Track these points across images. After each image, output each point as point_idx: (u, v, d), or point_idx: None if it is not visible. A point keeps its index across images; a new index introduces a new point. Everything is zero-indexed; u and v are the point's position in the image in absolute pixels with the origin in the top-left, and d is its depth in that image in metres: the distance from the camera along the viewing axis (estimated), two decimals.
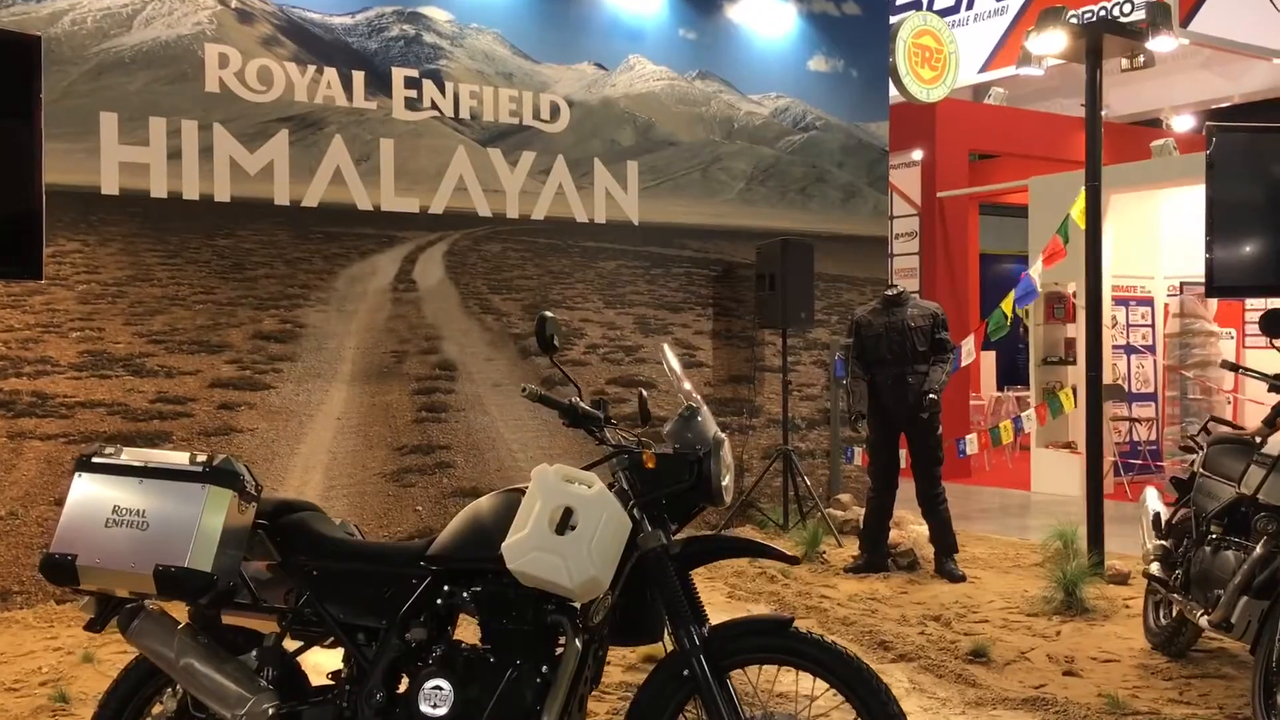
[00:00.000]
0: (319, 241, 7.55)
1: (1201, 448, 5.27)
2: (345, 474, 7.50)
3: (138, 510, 3.07)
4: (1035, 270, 8.25)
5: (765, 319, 8.81)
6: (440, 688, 3.01)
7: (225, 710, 3.05)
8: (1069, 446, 11.85)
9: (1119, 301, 12.52)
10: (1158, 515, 5.34)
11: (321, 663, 3.30)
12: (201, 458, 3.12)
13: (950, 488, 7.48)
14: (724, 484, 3.11)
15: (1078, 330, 12.00)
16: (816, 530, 7.75)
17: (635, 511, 3.05)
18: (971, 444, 8.79)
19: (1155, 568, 5.16)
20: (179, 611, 3.24)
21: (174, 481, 3.09)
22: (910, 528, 7.94)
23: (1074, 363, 12.07)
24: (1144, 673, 5.08)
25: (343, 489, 7.49)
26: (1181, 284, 11.62)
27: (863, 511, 8.46)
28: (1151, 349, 13.29)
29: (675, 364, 3.40)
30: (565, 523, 2.92)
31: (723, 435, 3.20)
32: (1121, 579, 6.85)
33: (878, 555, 7.32)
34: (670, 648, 3.03)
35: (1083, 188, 7.05)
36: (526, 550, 2.91)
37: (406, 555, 3.21)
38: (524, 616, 3.04)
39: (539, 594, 3.01)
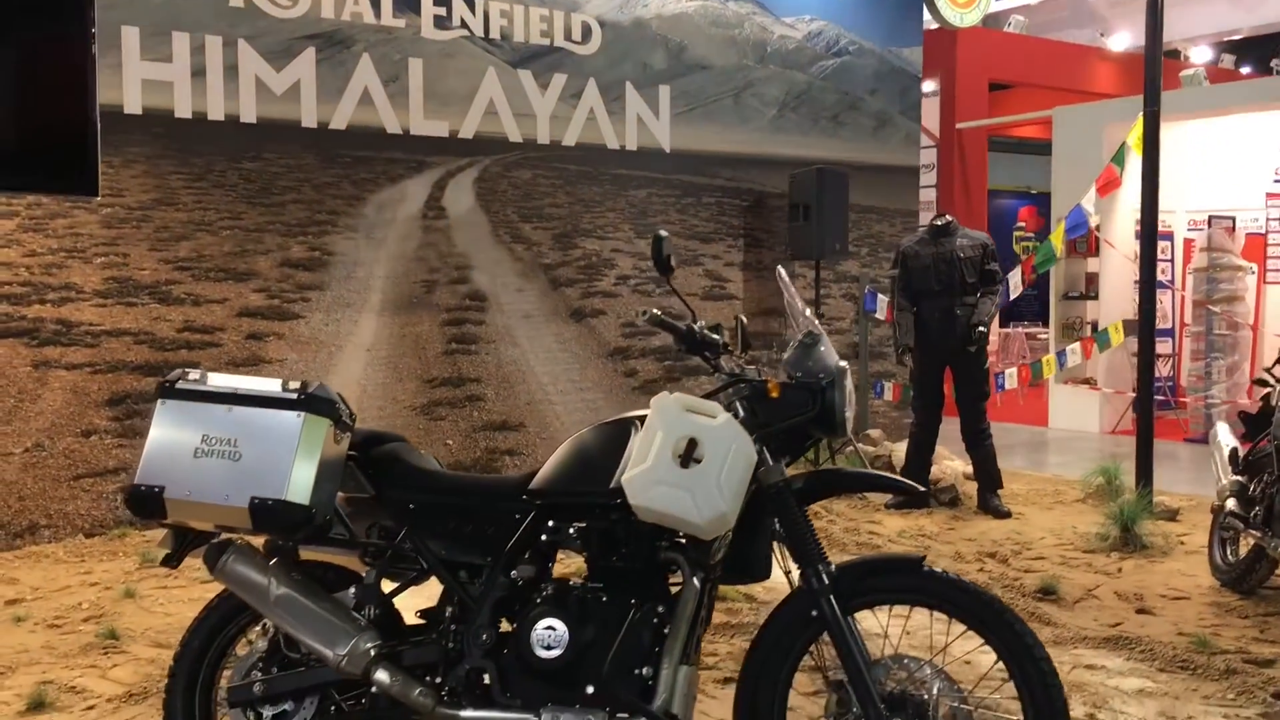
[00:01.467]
0: (347, 166, 7.29)
1: (1278, 381, 5.12)
2: (375, 407, 7.30)
3: (229, 439, 2.87)
4: (1087, 200, 8.04)
5: (798, 250, 8.61)
6: (554, 628, 2.85)
7: (326, 649, 2.88)
8: (1088, 382, 11.76)
9: (1139, 236, 12.34)
10: (1234, 450, 5.21)
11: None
12: (295, 384, 2.93)
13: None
14: (846, 415, 2.94)
15: (1100, 264, 11.88)
16: (849, 466, 7.63)
17: (756, 443, 2.87)
18: (1011, 378, 8.65)
19: (1232, 503, 5.04)
20: None
21: (267, 409, 2.89)
22: (945, 464, 7.83)
23: (1095, 297, 11.94)
24: (1218, 610, 4.98)
25: (373, 422, 7.29)
26: (1210, 217, 11.44)
27: (893, 447, 8.34)
28: (1170, 284, 13.18)
29: (792, 287, 3.21)
30: (690, 455, 2.75)
31: (844, 364, 3.01)
32: (1170, 515, 6.75)
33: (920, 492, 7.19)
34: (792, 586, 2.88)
35: (1139, 114, 6.83)
36: (650, 484, 2.73)
37: (508, 489, 3.03)
38: (636, 554, 2.87)
39: (653, 530, 2.84)
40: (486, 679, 2.90)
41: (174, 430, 2.90)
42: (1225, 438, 5.33)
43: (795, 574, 2.92)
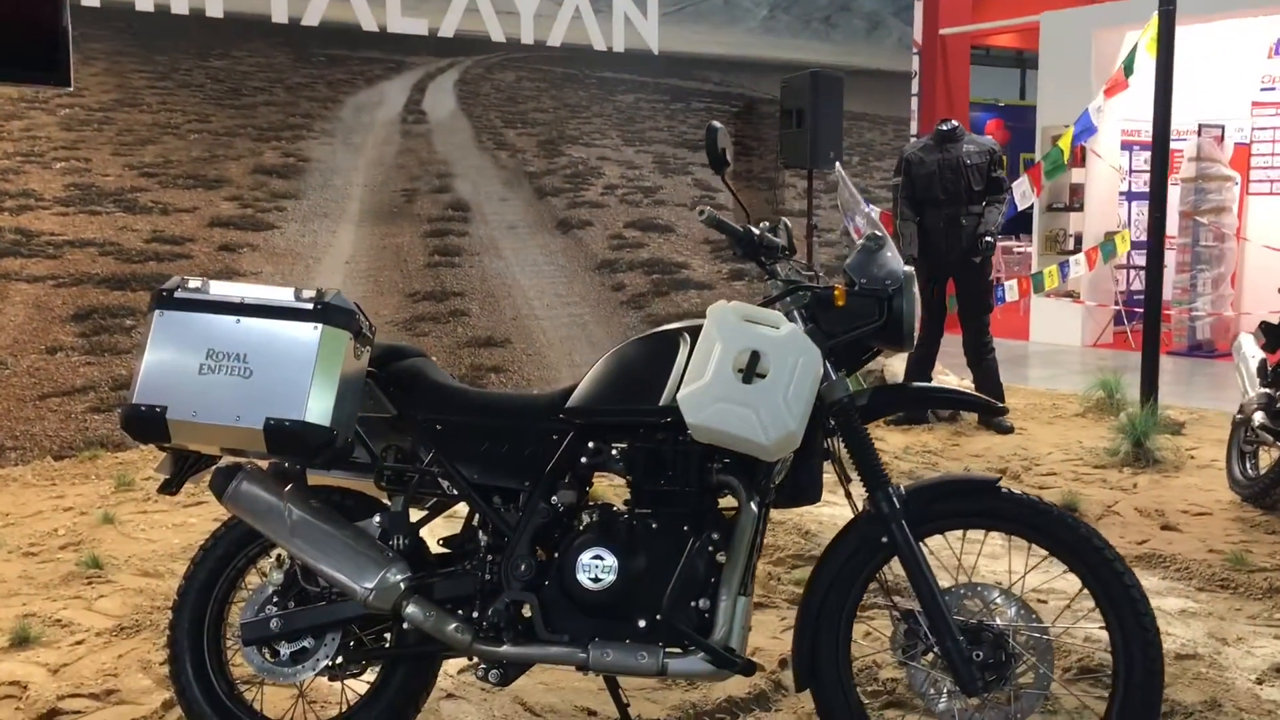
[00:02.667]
0: (321, 66, 6.86)
1: None
2: None
3: (237, 354, 2.58)
4: (1095, 105, 7.78)
5: (790, 158, 8.30)
6: (601, 558, 2.61)
7: (352, 582, 2.63)
8: (1071, 295, 11.63)
9: (1124, 146, 12.17)
10: (1263, 363, 5.05)
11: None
12: (309, 293, 2.63)
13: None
14: (914, 325, 2.70)
15: (1086, 176, 11.69)
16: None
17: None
18: (1011, 290, 8.46)
19: (1260, 417, 4.89)
20: None
21: (280, 321, 2.59)
22: (942, 380, 7.67)
23: (1079, 209, 11.77)
24: (1244, 526, 4.86)
25: None
26: (1200, 126, 11.25)
27: (886, 361, 8.15)
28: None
29: (851, 186, 2.93)
30: (753, 369, 2.50)
31: (911, 269, 2.76)
32: (1176, 428, 6.63)
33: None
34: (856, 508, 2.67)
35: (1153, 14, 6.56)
36: (709, 401, 2.49)
37: (544, 407, 2.78)
38: (685, 477, 2.63)
39: (704, 452, 2.61)
40: (526, 612, 2.67)
41: (175, 345, 2.60)
42: (1251, 349, 5.17)
43: (855, 497, 2.72)
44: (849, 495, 2.74)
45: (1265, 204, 11.93)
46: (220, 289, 2.66)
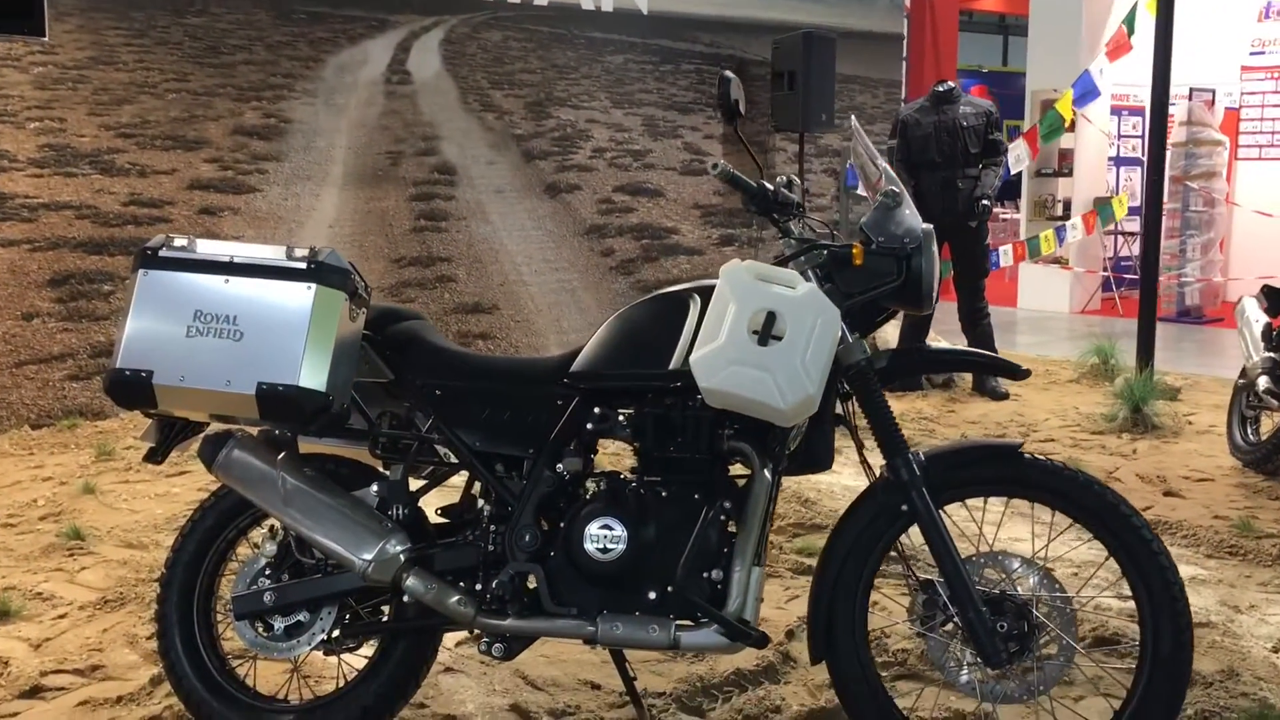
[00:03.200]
0: (303, 23, 6.68)
1: None
2: None
3: (227, 316, 2.46)
4: (1096, 67, 7.67)
5: (782, 121, 8.15)
6: (610, 528, 2.51)
7: (349, 554, 2.52)
8: (1059, 262, 11.56)
9: (1114, 111, 12.07)
10: (1267, 326, 4.97)
11: None
12: (302, 251, 2.50)
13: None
14: (933, 285, 2.60)
15: (1075, 140, 11.58)
16: None
17: None
18: (1006, 256, 8.38)
19: (1264, 381, 4.82)
20: None
21: (271, 280, 2.47)
22: (936, 345, 7.58)
23: (1068, 174, 11.68)
24: (1247, 492, 4.81)
25: None
26: (1191, 90, 11.15)
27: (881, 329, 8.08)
28: (1140, 161, 12.95)
29: (867, 141, 2.82)
30: (769, 331, 2.39)
31: (930, 226, 2.66)
32: (1172, 394, 6.57)
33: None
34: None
35: None
36: (723, 364, 2.38)
37: (547, 372, 2.66)
38: (695, 444, 2.53)
39: (715, 417, 2.50)
40: (532, 584, 2.57)
41: (160, 306, 2.48)
42: (1254, 313, 5.09)
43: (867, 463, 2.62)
44: (864, 462, 2.64)
45: (1253, 169, 11.89)
46: (208, 247, 2.53)
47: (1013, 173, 7.99)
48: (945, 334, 7.76)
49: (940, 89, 6.67)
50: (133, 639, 3.34)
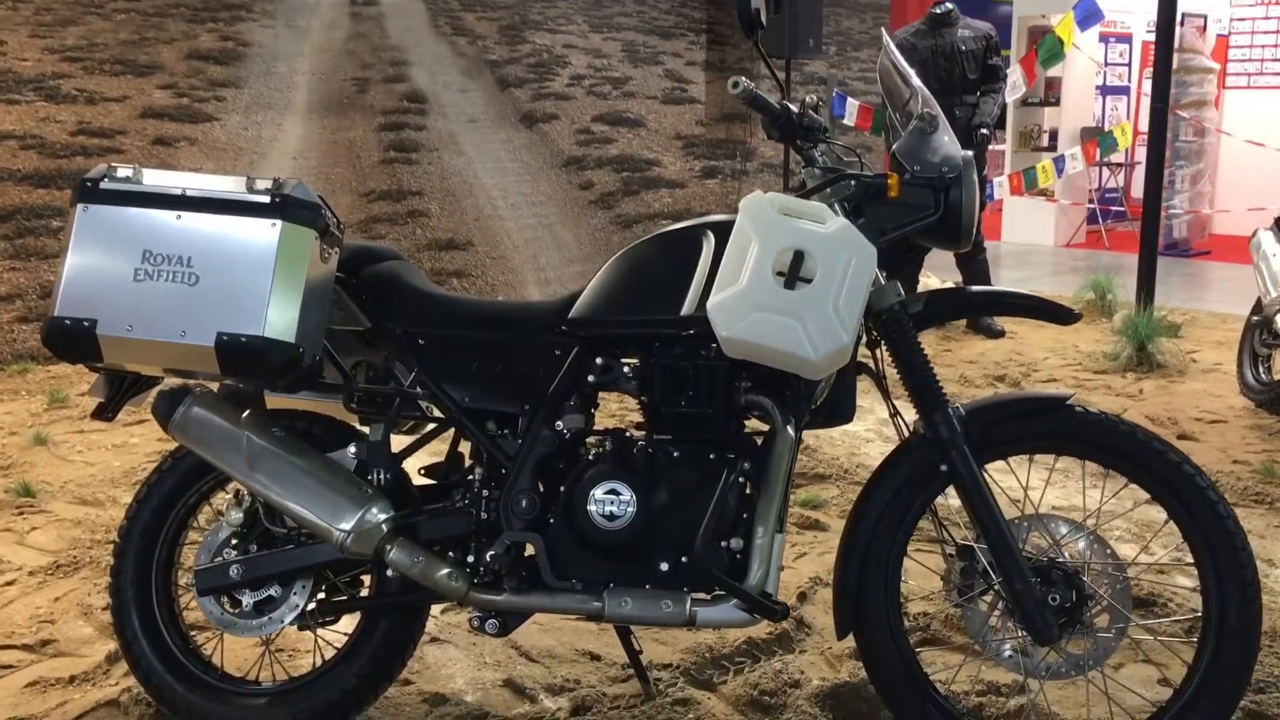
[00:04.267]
0: None
1: None
2: None
3: (180, 257, 2.16)
4: None
5: (767, 47, 7.79)
6: (617, 493, 2.25)
7: (325, 523, 2.25)
8: (1044, 194, 11.31)
9: (1101, 39, 11.76)
10: None
11: None
12: (265, 183, 2.20)
13: None
14: (974, 218, 2.33)
15: (1063, 68, 11.26)
16: None
17: None
18: (1001, 187, 8.10)
19: None
20: None
21: (230, 216, 2.17)
22: (924, 282, 7.34)
23: (1055, 103, 11.39)
24: (1263, 434, 4.61)
25: None
26: (1183, 15, 10.83)
27: None
28: (1127, 90, 12.68)
29: (899, 58, 2.52)
30: (796, 272, 2.12)
31: (970, 154, 2.38)
32: (1174, 330, 6.36)
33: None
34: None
35: None
36: (745, 310, 2.11)
37: (544, 318, 2.38)
38: (709, 398, 2.26)
39: (731, 368, 2.24)
40: (530, 554, 2.31)
41: (104, 246, 2.18)
42: (1271, 246, 4.86)
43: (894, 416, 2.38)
44: (894, 416, 2.39)
45: (1242, 97, 11.65)
46: (157, 179, 2.23)
47: (1007, 101, 7.68)
48: (938, 270, 7.52)
49: (938, 11, 6.35)
50: (87, 609, 3.07)
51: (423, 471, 2.49)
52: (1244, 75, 11.63)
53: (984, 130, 6.27)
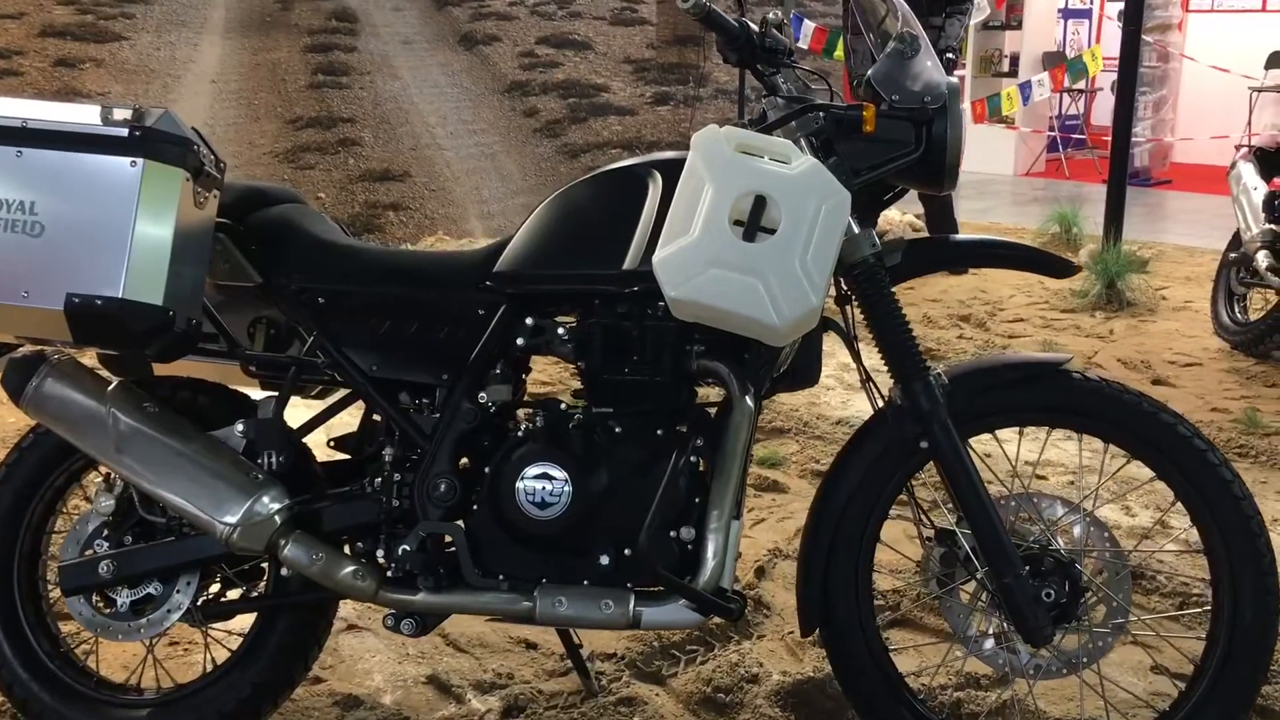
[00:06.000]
0: None
1: None
2: (228, 153, 6.01)
3: (21, 203, 1.80)
4: None
5: None
6: (550, 475, 1.95)
7: (206, 515, 1.93)
8: (1004, 122, 11.01)
9: None
10: (1270, 195, 4.48)
11: None
12: (123, 113, 1.83)
13: None
14: (959, 155, 2.02)
15: None
16: None
17: None
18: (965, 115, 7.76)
19: (1264, 257, 4.36)
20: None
21: (81, 153, 1.81)
22: (883, 214, 7.04)
23: (1017, 27, 11.05)
24: (1240, 379, 4.39)
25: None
26: None
27: None
28: (1089, 13, 12.37)
29: None
30: (756, 221, 1.80)
31: (955, 81, 2.07)
32: (1141, 265, 6.12)
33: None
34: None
35: None
36: (698, 267, 1.79)
37: (465, 271, 2.05)
38: (655, 363, 1.96)
39: (682, 329, 1.92)
40: (450, 547, 2.01)
41: None
42: (1252, 179, 4.60)
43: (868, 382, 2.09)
44: (867, 383, 2.10)
45: (1205, 21, 11.38)
46: None
47: (970, 24, 7.34)
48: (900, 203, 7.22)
49: None
50: None
51: (332, 444, 2.17)
52: None
53: (950, 55, 5.93)
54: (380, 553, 2.01)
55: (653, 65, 7.57)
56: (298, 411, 2.09)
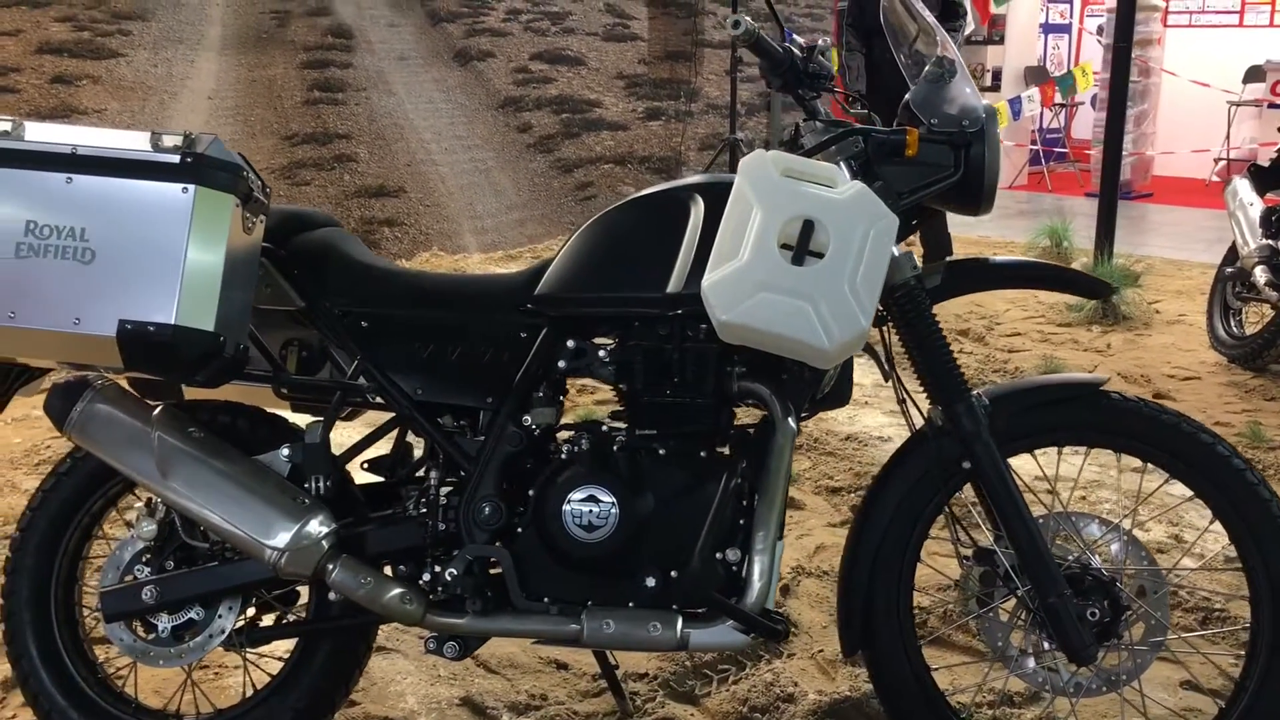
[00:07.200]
0: None
1: None
2: None
3: (72, 229, 1.80)
4: None
5: None
6: (597, 498, 1.95)
7: (254, 539, 1.92)
8: None
9: None
10: (1266, 211, 4.54)
11: None
12: (173, 139, 1.83)
13: None
14: (996, 179, 2.05)
15: (1007, 6, 11.02)
16: None
17: None
18: None
19: (1261, 272, 4.41)
20: None
21: (133, 179, 1.80)
22: None
23: (1000, 41, 11.14)
24: (1239, 392, 4.44)
25: None
26: None
27: None
28: (1068, 28, 12.49)
29: None
30: (805, 246, 1.82)
31: (992, 104, 2.10)
32: (1134, 279, 6.19)
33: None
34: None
35: None
36: (747, 290, 1.81)
37: (503, 295, 2.06)
38: (699, 386, 1.97)
39: (723, 351, 1.94)
40: (494, 569, 2.01)
41: None
42: (1248, 195, 4.66)
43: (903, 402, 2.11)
44: (904, 403, 2.12)
45: (1183, 36, 11.51)
46: (41, 133, 1.85)
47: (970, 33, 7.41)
48: None
49: None
50: None
51: (366, 466, 2.17)
52: (1185, 14, 11.49)
53: None
54: (426, 576, 2.01)
55: (644, 81, 7.60)
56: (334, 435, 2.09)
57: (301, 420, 2.14)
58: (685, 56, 8.02)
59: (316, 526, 1.94)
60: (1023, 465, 2.05)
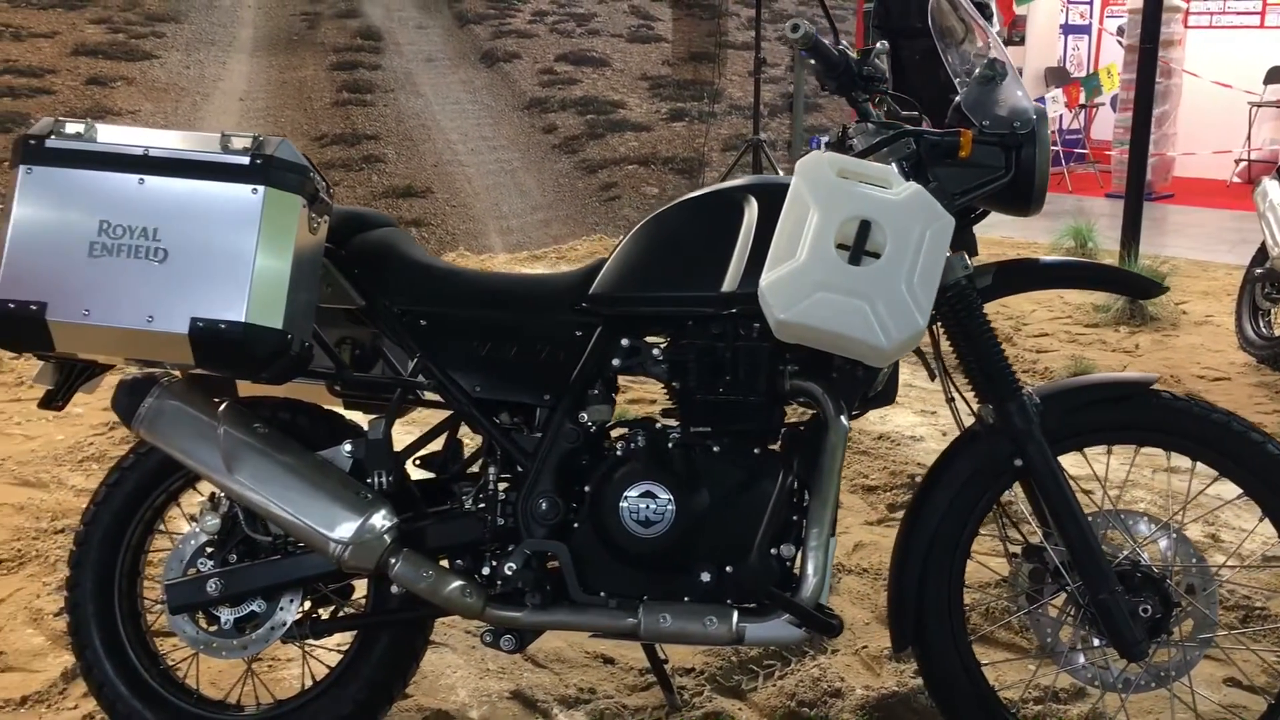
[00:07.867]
0: None
1: None
2: None
3: (144, 229, 1.84)
4: None
5: None
6: (654, 495, 1.99)
7: (319, 532, 1.96)
8: None
9: None
10: None
11: None
12: (242, 141, 1.88)
13: None
14: (1046, 180, 2.08)
15: (1028, 7, 11.03)
16: None
17: None
18: None
19: None
20: None
21: (203, 181, 1.85)
22: None
23: (1020, 42, 11.16)
24: (1269, 392, 4.46)
25: None
26: None
27: None
28: (1088, 29, 12.49)
29: None
30: (861, 245, 1.85)
31: (1042, 106, 2.12)
32: (1160, 280, 6.18)
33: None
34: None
35: None
36: (805, 290, 1.83)
37: (561, 293, 2.09)
38: (751, 384, 2.00)
39: (775, 349, 1.97)
40: (553, 564, 2.05)
41: (52, 215, 1.85)
42: (1278, 196, 4.67)
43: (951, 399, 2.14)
44: (952, 401, 2.15)
45: (1204, 37, 11.50)
46: (114, 135, 1.90)
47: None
48: None
49: None
50: (36, 615, 2.75)
51: (418, 463, 2.21)
52: (1206, 15, 11.47)
53: None
54: (484, 570, 2.04)
55: (668, 82, 7.63)
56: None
57: (356, 417, 2.18)
58: (709, 58, 8.05)
59: (379, 521, 1.97)
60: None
